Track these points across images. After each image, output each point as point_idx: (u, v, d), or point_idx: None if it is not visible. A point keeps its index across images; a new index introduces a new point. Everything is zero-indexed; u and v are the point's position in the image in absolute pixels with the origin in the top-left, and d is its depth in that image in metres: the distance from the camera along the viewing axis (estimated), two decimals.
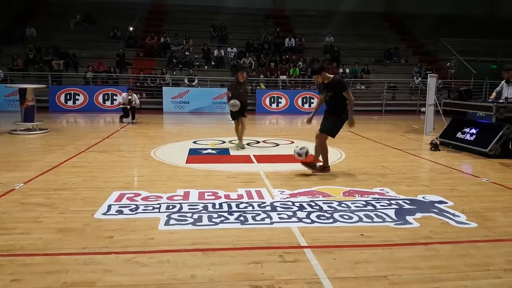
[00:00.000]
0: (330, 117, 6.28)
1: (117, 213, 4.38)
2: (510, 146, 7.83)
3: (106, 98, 16.75)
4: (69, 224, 4.04)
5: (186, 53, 19.89)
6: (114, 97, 16.79)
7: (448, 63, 19.71)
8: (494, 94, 8.69)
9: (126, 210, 4.46)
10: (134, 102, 12.85)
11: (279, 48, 21.24)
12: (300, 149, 6.31)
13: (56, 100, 16.30)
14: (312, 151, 6.39)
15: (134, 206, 4.59)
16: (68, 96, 16.48)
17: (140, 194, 5.04)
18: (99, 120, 13.97)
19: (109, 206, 4.58)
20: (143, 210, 4.49)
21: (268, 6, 24.72)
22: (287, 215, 4.39)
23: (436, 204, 4.84)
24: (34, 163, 6.80)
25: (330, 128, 6.25)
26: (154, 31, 21.09)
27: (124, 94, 13.16)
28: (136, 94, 13.60)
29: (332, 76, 6.28)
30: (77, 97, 16.55)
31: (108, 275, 3.03)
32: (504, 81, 8.44)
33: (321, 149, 6.33)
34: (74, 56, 18.76)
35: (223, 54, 20.07)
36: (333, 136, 6.33)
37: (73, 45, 19.31)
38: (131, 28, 20.72)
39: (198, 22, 22.80)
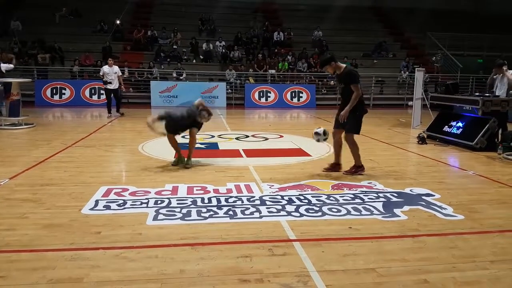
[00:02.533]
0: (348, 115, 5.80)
1: (105, 208, 4.33)
2: (496, 139, 7.93)
3: (93, 92, 16.57)
4: (56, 220, 3.98)
5: (174, 46, 19.75)
6: (101, 91, 16.58)
7: (434, 57, 19.89)
8: (488, 87, 8.80)
9: (113, 205, 4.42)
10: (116, 76, 12.54)
11: (268, 42, 21.19)
12: (319, 133, 6.06)
13: (42, 94, 16.08)
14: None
15: (122, 201, 4.55)
16: (54, 90, 16.27)
17: (128, 189, 4.99)
18: (86, 115, 13.81)
19: (97, 201, 4.53)
20: (131, 205, 4.45)
21: None
22: (276, 209, 4.39)
23: (423, 197, 4.89)
24: (20, 158, 6.70)
25: (356, 127, 5.85)
26: (141, 24, 20.86)
27: (104, 67, 12.76)
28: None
29: (344, 66, 5.87)
30: (63, 91, 16.35)
31: (96, 271, 3.00)
32: (494, 74, 8.55)
33: (355, 148, 5.94)
34: (60, 50, 18.48)
35: (211, 48, 19.96)
36: (358, 133, 5.92)
37: (59, 39, 19.00)
38: (118, 21, 20.47)
39: (186, 15, 22.63)
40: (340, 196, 4.85)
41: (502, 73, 8.36)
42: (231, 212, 4.26)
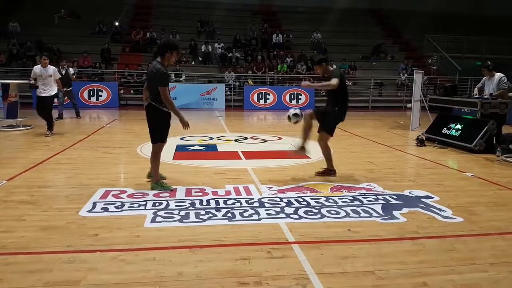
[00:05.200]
0: (325, 112, 5.79)
1: (103, 211, 4.31)
2: (494, 142, 7.93)
3: (91, 94, 16.55)
4: (53, 222, 3.96)
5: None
6: (100, 93, 16.60)
7: (430, 60, 19.92)
8: (475, 90, 8.81)
9: (111, 208, 4.39)
10: (53, 79, 9.22)
11: (266, 44, 21.20)
12: (293, 114, 5.83)
13: None
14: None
15: (120, 203, 4.52)
16: None
17: (126, 191, 4.97)
18: (84, 116, 13.77)
19: (94, 204, 4.51)
20: (129, 207, 4.43)
21: (256, 2, 24.64)
22: (275, 211, 4.37)
23: (422, 199, 4.87)
24: (18, 160, 6.67)
25: (329, 125, 5.77)
26: (140, 25, 20.85)
27: (36, 67, 9.27)
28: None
29: (332, 69, 5.80)
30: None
31: (93, 274, 2.98)
32: (484, 77, 8.57)
33: (327, 151, 5.90)
34: (58, 51, 18.45)
35: (210, 50, 19.97)
36: (331, 134, 5.83)
37: (58, 40, 18.98)
38: (116, 23, 20.46)
39: (185, 17, 22.63)
40: (339, 198, 4.83)
41: (489, 75, 8.38)
42: (229, 215, 4.24)
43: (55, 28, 20.26)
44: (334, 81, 5.48)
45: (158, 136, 5.06)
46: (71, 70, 13.35)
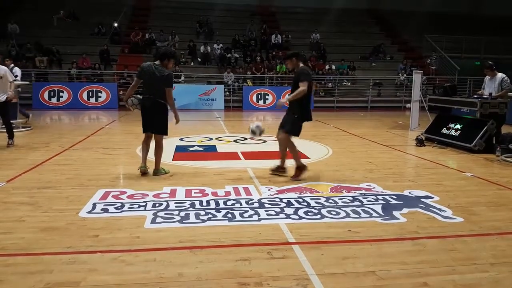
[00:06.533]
0: (288, 113, 5.80)
1: (102, 212, 4.30)
2: (494, 142, 7.94)
3: (90, 95, 16.55)
4: (53, 223, 3.95)
5: (172, 49, 19.71)
6: (99, 94, 16.59)
7: (429, 60, 19.93)
8: (482, 90, 8.80)
9: (111, 208, 4.39)
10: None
11: (265, 45, 21.20)
12: (255, 126, 5.98)
13: (39, 97, 16.05)
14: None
15: (120, 204, 4.52)
16: (52, 93, 16.23)
17: (126, 192, 4.97)
18: (83, 117, 13.77)
19: (94, 205, 4.51)
20: (128, 208, 4.42)
21: (254, 2, 24.66)
22: (275, 211, 4.37)
23: (422, 199, 4.88)
24: (17, 161, 6.66)
25: (292, 129, 5.74)
26: (139, 26, 20.86)
27: None
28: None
29: (301, 66, 5.80)
30: (61, 94, 16.31)
31: (93, 275, 2.97)
32: (486, 77, 8.57)
33: (290, 149, 5.83)
34: (58, 53, 18.45)
35: (209, 51, 19.97)
36: (296, 135, 5.81)
37: (57, 41, 18.99)
38: (115, 24, 20.46)
39: (184, 18, 22.64)
40: (339, 199, 4.83)
41: (491, 75, 8.38)
42: (229, 215, 4.24)
43: (54, 29, 20.25)
44: (304, 85, 5.47)
45: (167, 128, 5.84)
46: (16, 72, 10.48)
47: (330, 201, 4.75)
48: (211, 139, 9.33)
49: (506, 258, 3.35)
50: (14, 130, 9.48)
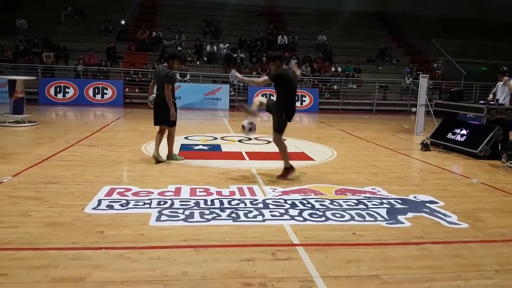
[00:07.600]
0: (275, 114, 5.98)
1: (108, 208, 4.32)
2: (499, 148, 7.90)
3: (96, 91, 16.59)
4: (59, 218, 3.97)
5: (179, 48, 19.74)
6: (105, 91, 16.65)
7: (436, 64, 19.85)
8: (490, 95, 8.77)
9: (116, 205, 4.41)
10: None
11: (271, 46, 21.19)
12: (248, 123, 6.14)
13: (45, 92, 16.10)
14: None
15: (125, 201, 4.54)
16: (58, 89, 16.28)
17: (131, 189, 4.98)
18: (89, 114, 13.81)
19: (100, 201, 4.52)
20: (134, 205, 4.44)
21: (261, 3, 24.66)
22: (279, 212, 4.37)
23: (427, 204, 4.86)
24: (23, 156, 6.69)
25: (278, 127, 5.94)
26: (146, 25, 20.91)
27: None
28: None
29: (284, 68, 5.98)
30: (67, 90, 16.36)
31: (98, 271, 2.99)
32: (499, 82, 8.56)
33: (281, 149, 5.95)
34: (65, 49, 18.51)
35: (215, 50, 19.98)
36: (280, 133, 5.95)
37: (64, 38, 19.05)
38: (123, 22, 20.52)
39: (191, 17, 22.67)
40: (343, 202, 4.83)
41: (503, 80, 8.37)
42: (234, 215, 4.25)
43: (61, 25, 20.33)
44: (260, 79, 6.22)
45: (173, 121, 6.49)
46: None
47: (335, 203, 4.74)
48: (216, 138, 9.34)
49: (511, 266, 3.34)
50: (20, 125, 9.45)
